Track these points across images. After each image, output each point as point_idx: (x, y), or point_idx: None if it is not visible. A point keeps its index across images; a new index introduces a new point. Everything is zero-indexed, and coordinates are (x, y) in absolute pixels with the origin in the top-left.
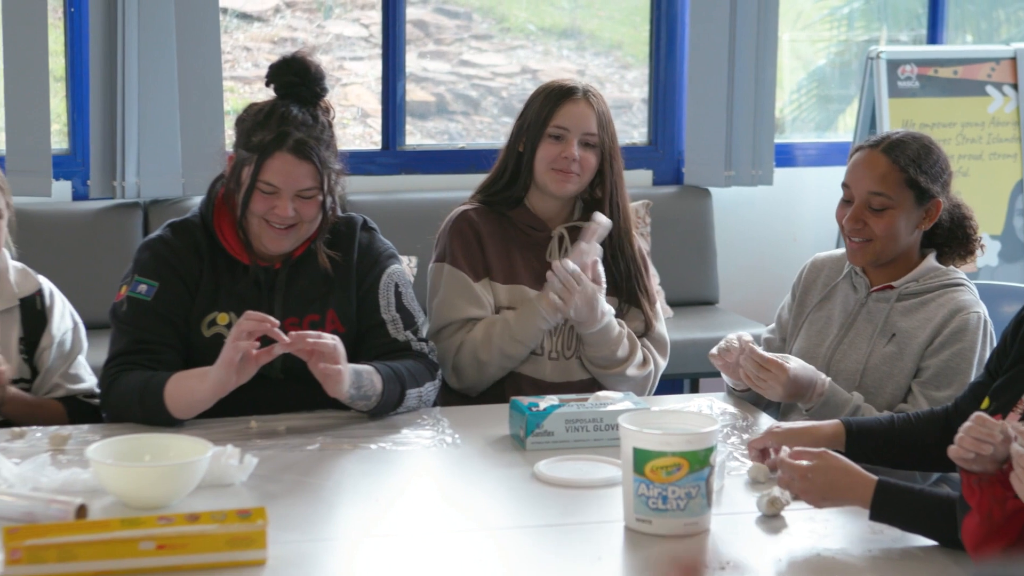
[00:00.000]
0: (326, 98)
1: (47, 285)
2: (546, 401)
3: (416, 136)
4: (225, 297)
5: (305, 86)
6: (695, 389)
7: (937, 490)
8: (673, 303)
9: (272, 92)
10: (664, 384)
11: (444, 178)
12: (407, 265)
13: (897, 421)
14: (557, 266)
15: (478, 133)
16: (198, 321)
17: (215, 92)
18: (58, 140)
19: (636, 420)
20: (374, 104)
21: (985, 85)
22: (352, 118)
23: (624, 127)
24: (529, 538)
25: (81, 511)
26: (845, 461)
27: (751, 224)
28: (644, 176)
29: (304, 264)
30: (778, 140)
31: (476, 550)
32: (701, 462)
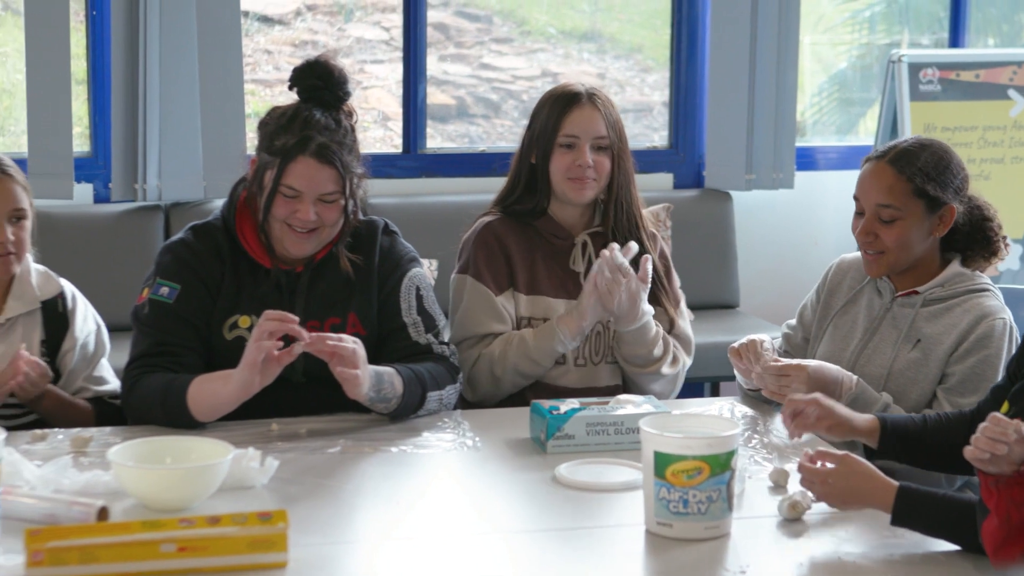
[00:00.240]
0: (349, 102)
1: (69, 288)
2: (567, 404)
3: (436, 139)
4: (246, 300)
5: (328, 90)
6: (715, 392)
7: (959, 495)
8: (694, 306)
9: (295, 95)
10: (684, 387)
11: (465, 181)
12: (428, 268)
13: (930, 420)
14: (606, 255)
15: (498, 136)
16: (219, 324)
17: (236, 95)
18: (80, 143)
19: (657, 423)
20: (395, 107)
21: (1007, 89)
22: (373, 121)
23: (644, 130)
24: (549, 542)
25: (102, 513)
26: (867, 466)
27: (772, 227)
28: (665, 179)
29: (325, 267)
30: (799, 144)
31: (496, 553)
32: (722, 466)
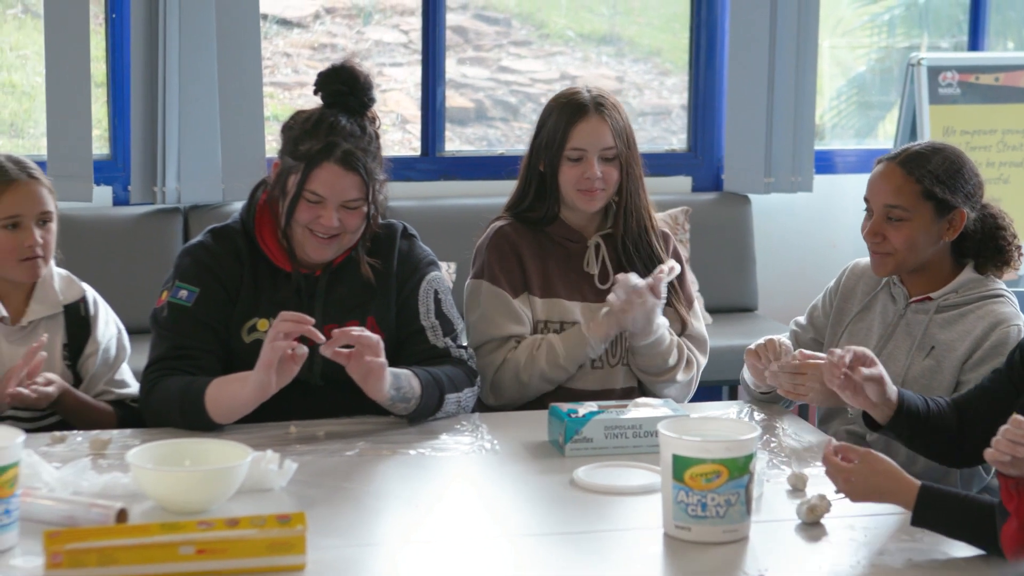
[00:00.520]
0: (372, 107)
1: (91, 293)
2: (585, 407)
3: (455, 142)
4: (265, 303)
5: (353, 95)
6: (733, 396)
7: (980, 496)
8: (712, 310)
9: (318, 100)
10: (703, 391)
11: (483, 184)
12: (446, 271)
13: (931, 406)
14: (621, 279)
15: (517, 139)
16: (238, 327)
17: (255, 98)
18: (99, 145)
19: (675, 427)
20: (413, 110)
21: None
22: (391, 124)
23: (663, 133)
24: (567, 545)
25: (121, 515)
26: (889, 463)
27: (790, 231)
28: (683, 183)
29: (344, 271)
30: (818, 147)
31: (514, 556)
32: (740, 469)
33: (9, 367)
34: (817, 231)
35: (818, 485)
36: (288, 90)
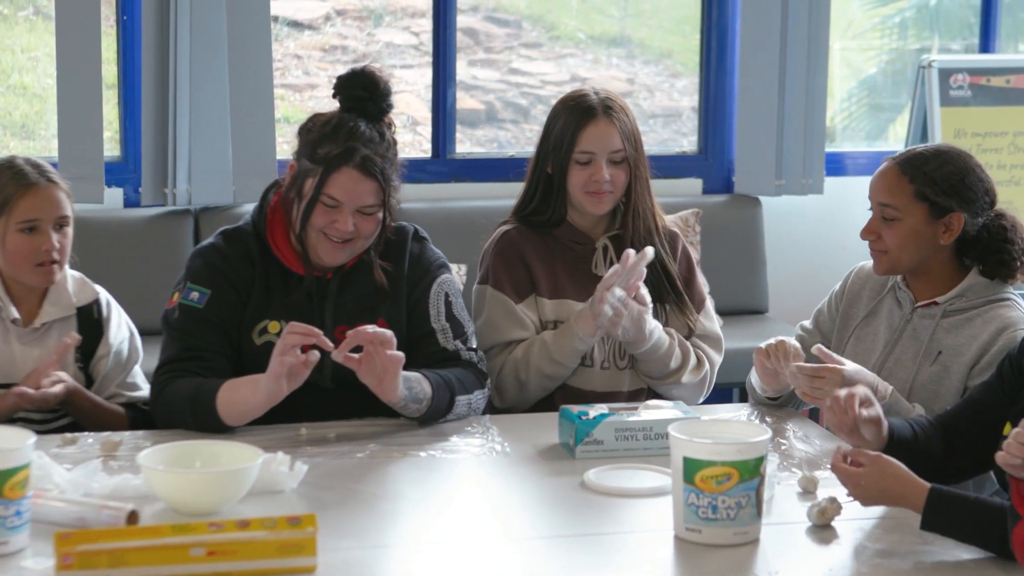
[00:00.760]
0: (389, 113)
1: (104, 295)
2: (596, 410)
3: (466, 144)
4: (276, 306)
5: (372, 101)
6: (744, 398)
7: (990, 499)
8: (723, 312)
9: (329, 100)
10: (713, 393)
11: (494, 186)
12: (457, 273)
13: (918, 431)
14: (607, 296)
15: (527, 141)
16: (249, 329)
17: (266, 100)
18: (110, 147)
19: (686, 429)
20: (424, 112)
21: None
22: (402, 126)
23: (674, 135)
24: (578, 547)
25: (132, 517)
26: (898, 467)
27: (801, 233)
28: (694, 185)
29: (356, 274)
30: (828, 149)
31: (524, 558)
32: (751, 472)
33: (22, 368)
34: (828, 233)
35: (829, 488)
36: (299, 92)
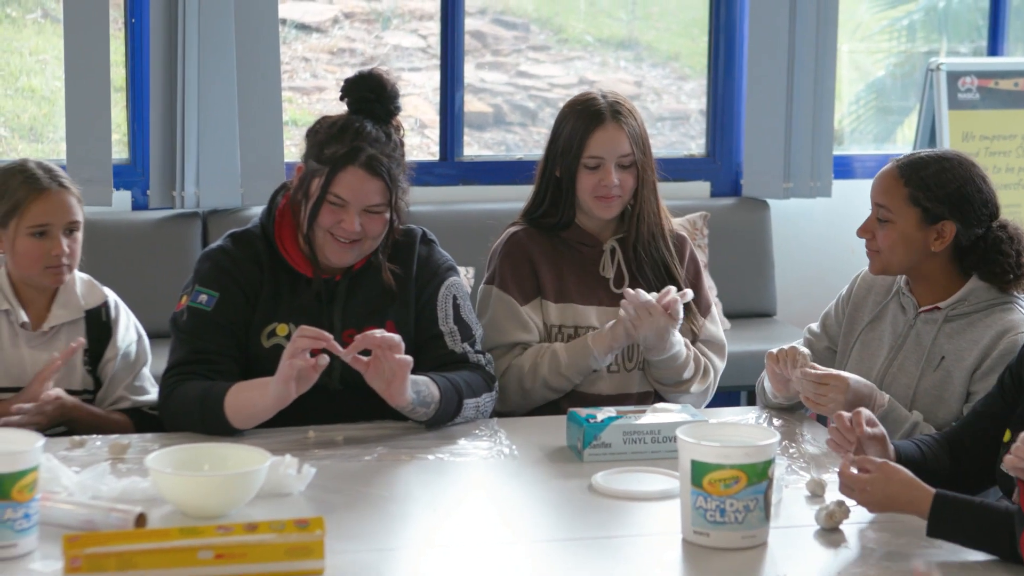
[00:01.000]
0: (397, 116)
1: (112, 297)
2: (604, 413)
3: (474, 147)
4: (285, 308)
5: (380, 103)
6: (752, 401)
7: (996, 503)
8: (731, 315)
9: (337, 104)
10: (721, 396)
11: (502, 189)
12: (464, 276)
13: (925, 450)
14: (630, 295)
15: (535, 144)
16: (257, 332)
17: (274, 103)
18: (118, 150)
19: (694, 432)
20: (431, 115)
21: None
22: (410, 129)
23: (681, 138)
24: (586, 550)
25: (140, 520)
26: (905, 473)
27: (809, 236)
28: (702, 188)
29: (364, 276)
30: (837, 152)
31: (532, 561)
32: (759, 475)
33: (31, 372)
34: (836, 236)
35: (836, 491)
36: (307, 95)
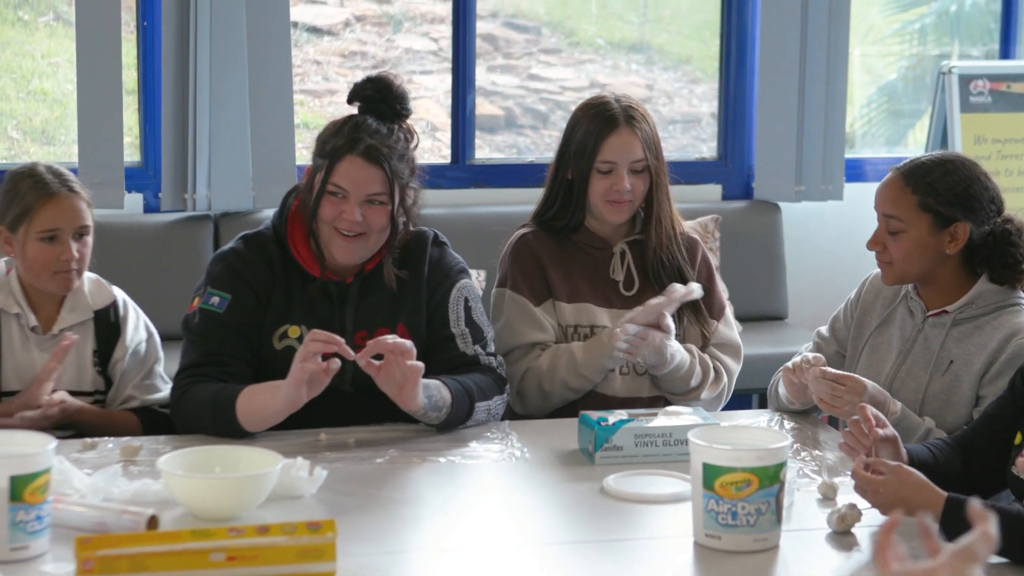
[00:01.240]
0: (409, 123)
1: (120, 296)
2: (615, 415)
3: (485, 150)
4: (296, 310)
5: (385, 102)
6: (764, 404)
7: (1008, 507)
8: (742, 318)
9: (348, 108)
10: (733, 399)
11: (513, 192)
12: (476, 279)
13: (938, 455)
14: (620, 333)
15: (547, 147)
16: (269, 334)
17: (286, 105)
18: (130, 153)
19: (706, 435)
20: (443, 118)
21: None
22: (421, 132)
23: (693, 141)
24: (598, 553)
25: (152, 522)
26: (917, 476)
27: (821, 239)
28: (713, 191)
29: (376, 278)
30: (848, 155)
31: (543, 564)
32: (771, 478)
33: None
34: (847, 239)
35: (849, 494)
36: (318, 97)
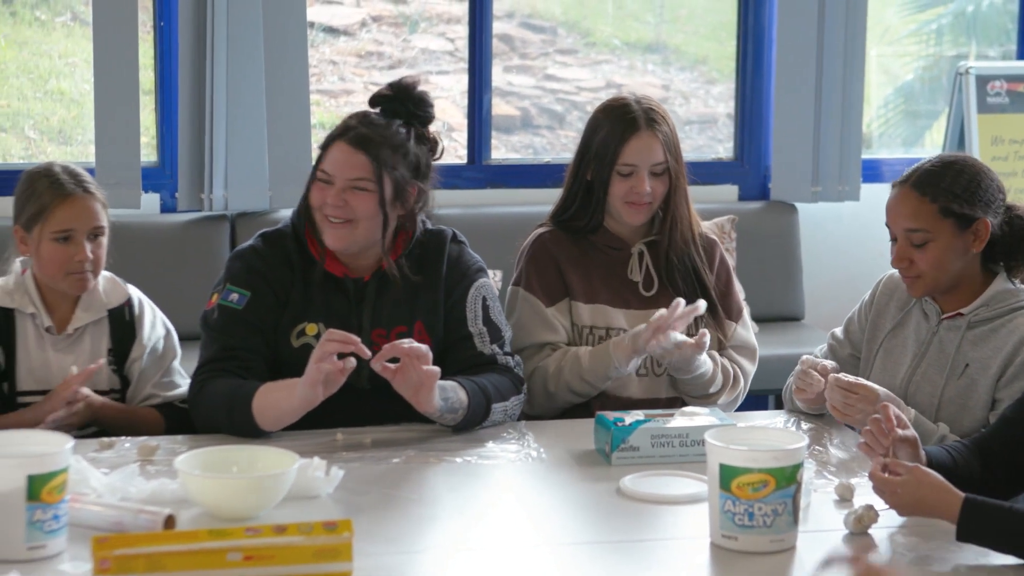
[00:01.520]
0: (435, 132)
1: (136, 294)
2: (632, 416)
3: (501, 150)
4: (314, 308)
5: (399, 102)
6: (780, 405)
7: None
8: (758, 319)
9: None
10: (749, 400)
11: (529, 192)
12: (492, 279)
13: (956, 457)
14: (661, 339)
15: (563, 147)
16: (287, 331)
17: (302, 105)
18: (147, 153)
19: (722, 436)
20: (459, 118)
21: None
22: (437, 132)
23: (709, 142)
24: (614, 554)
25: (169, 521)
26: (935, 477)
27: (837, 240)
28: (730, 191)
29: (392, 275)
30: (865, 156)
31: (560, 565)
32: (788, 479)
33: (57, 375)
34: (864, 240)
35: (865, 495)
36: (334, 98)
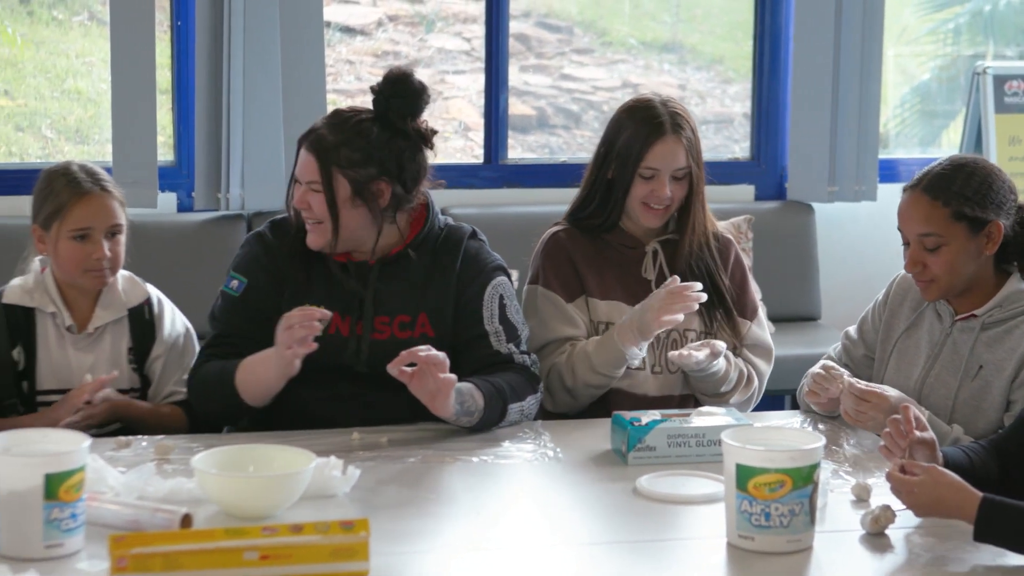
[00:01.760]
0: (426, 124)
1: (155, 293)
2: (648, 416)
3: (517, 150)
4: (317, 292)
5: (381, 93)
6: (795, 406)
7: None
8: (775, 319)
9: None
10: (765, 400)
11: (545, 192)
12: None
13: (973, 458)
14: (686, 357)
15: (579, 147)
16: None
17: (319, 105)
18: (164, 152)
19: (739, 436)
20: (476, 118)
21: None
22: (453, 132)
23: (725, 141)
24: (630, 554)
25: (186, 520)
26: (952, 477)
27: (854, 240)
28: (746, 191)
29: (398, 264)
30: (882, 155)
31: (577, 564)
32: (805, 479)
33: (77, 374)
34: (881, 240)
35: (882, 496)
36: (351, 97)
